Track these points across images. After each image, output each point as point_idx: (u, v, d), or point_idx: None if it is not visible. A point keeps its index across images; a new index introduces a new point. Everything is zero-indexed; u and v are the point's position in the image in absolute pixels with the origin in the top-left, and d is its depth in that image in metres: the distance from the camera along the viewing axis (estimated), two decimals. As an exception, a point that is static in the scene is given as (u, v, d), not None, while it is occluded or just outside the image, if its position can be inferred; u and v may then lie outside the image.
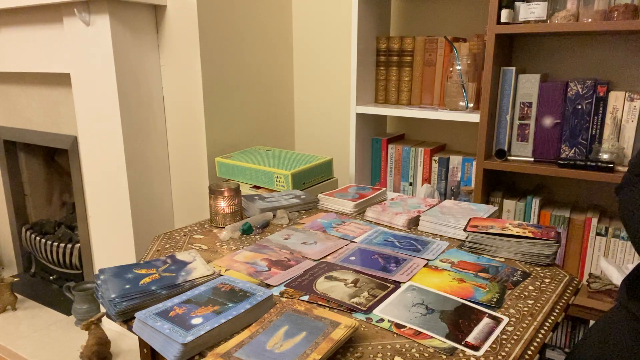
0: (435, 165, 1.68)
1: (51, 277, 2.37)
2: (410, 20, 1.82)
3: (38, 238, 2.26)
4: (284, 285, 0.92)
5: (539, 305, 0.85)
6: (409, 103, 1.71)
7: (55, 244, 2.21)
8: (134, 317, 0.78)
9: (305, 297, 0.87)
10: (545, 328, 0.78)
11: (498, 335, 0.75)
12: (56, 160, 2.50)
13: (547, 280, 0.94)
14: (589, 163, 1.33)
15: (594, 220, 1.42)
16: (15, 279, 2.16)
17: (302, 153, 1.79)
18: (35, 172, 2.44)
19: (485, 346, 0.72)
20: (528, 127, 1.46)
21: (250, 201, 1.34)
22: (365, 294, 0.87)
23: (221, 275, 0.93)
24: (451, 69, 1.56)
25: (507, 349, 0.72)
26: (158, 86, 1.79)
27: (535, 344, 0.74)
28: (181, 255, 1.00)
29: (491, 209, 1.27)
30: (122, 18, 1.62)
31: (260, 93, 1.97)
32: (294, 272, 0.97)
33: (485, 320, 0.79)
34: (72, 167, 1.95)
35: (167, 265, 0.95)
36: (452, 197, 1.66)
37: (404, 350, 0.72)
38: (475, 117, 1.48)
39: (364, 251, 1.07)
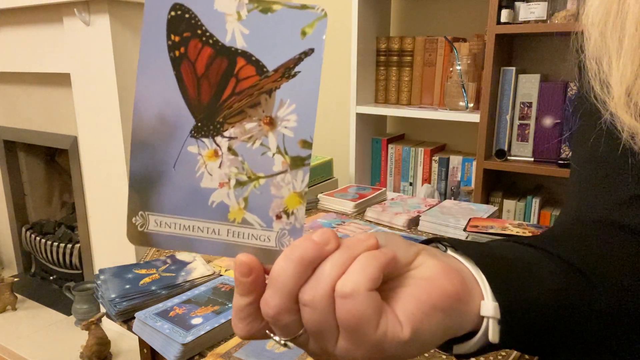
0: (435, 165, 1.68)
1: (51, 277, 2.37)
2: (410, 20, 1.82)
3: (38, 238, 2.26)
4: (284, 285, 0.92)
5: (539, 305, 0.84)
6: (409, 103, 1.71)
7: (55, 244, 2.21)
8: (134, 317, 0.78)
9: (305, 297, 0.87)
10: (545, 328, 0.78)
11: (498, 335, 0.75)
12: (56, 160, 2.50)
13: (547, 280, 0.94)
14: (589, 163, 1.33)
15: (594, 220, 1.42)
16: (15, 279, 2.16)
17: (302, 153, 1.79)
18: (35, 172, 2.44)
19: (485, 346, 0.72)
20: (528, 127, 1.46)
21: (250, 201, 1.34)
22: (365, 294, 0.87)
23: (221, 275, 0.93)
24: (451, 69, 1.56)
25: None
26: (158, 86, 1.78)
27: (535, 344, 0.74)
28: (181, 255, 1.00)
29: (491, 209, 1.27)
30: (122, 18, 1.62)
31: (260, 93, 1.97)
32: (294, 272, 0.97)
33: (485, 320, 0.79)
34: (72, 167, 1.96)
35: (167, 265, 0.95)
36: (452, 197, 1.66)
37: (404, 350, 0.71)
38: (475, 117, 1.48)
39: (364, 251, 1.06)
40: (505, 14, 1.37)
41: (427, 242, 0.37)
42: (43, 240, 2.24)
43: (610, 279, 0.36)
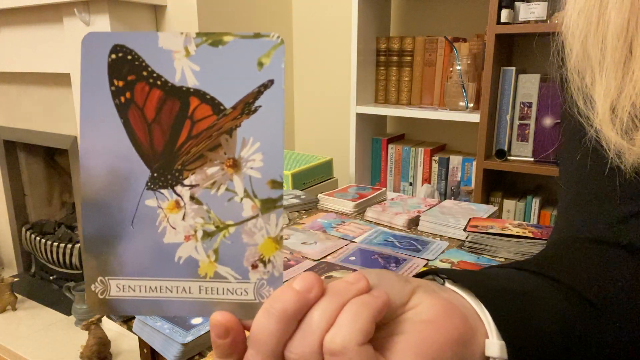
0: (435, 165, 1.68)
1: (51, 277, 2.37)
2: (410, 20, 1.82)
3: (38, 238, 2.26)
4: (284, 285, 0.92)
5: (539, 305, 0.84)
6: (409, 103, 1.71)
7: (55, 244, 2.21)
8: (134, 317, 0.78)
9: (305, 297, 0.87)
10: (545, 328, 0.78)
11: (498, 335, 0.75)
12: (56, 160, 2.51)
13: (547, 280, 0.94)
14: (589, 163, 1.33)
15: (594, 220, 1.42)
16: (15, 279, 2.16)
17: (302, 153, 1.79)
18: (35, 172, 2.44)
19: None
20: (528, 127, 1.46)
21: (250, 201, 1.34)
22: (365, 294, 0.87)
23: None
24: (451, 69, 1.56)
25: (507, 349, 0.71)
26: (158, 86, 1.79)
27: (535, 344, 0.74)
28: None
29: (491, 209, 1.27)
30: (122, 18, 1.62)
31: (260, 93, 1.97)
32: (294, 272, 0.97)
33: (485, 320, 0.79)
34: (72, 167, 1.96)
35: (167, 265, 0.95)
36: (452, 197, 1.66)
37: (404, 350, 0.71)
38: (475, 117, 1.48)
39: (364, 251, 1.07)
40: (505, 14, 1.37)
41: (422, 274, 0.34)
42: (43, 240, 2.24)
43: (617, 306, 0.34)
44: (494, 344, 0.28)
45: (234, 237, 0.29)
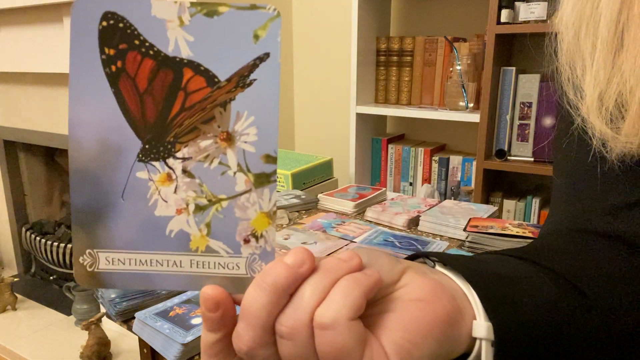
0: (435, 165, 1.68)
1: (51, 277, 2.37)
2: (410, 20, 1.82)
3: (38, 238, 2.26)
4: (284, 285, 0.91)
5: (539, 305, 0.84)
6: (409, 103, 1.71)
7: (55, 244, 2.21)
8: (134, 317, 0.78)
9: (305, 297, 0.87)
10: (545, 328, 0.78)
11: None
12: (56, 160, 2.51)
13: (547, 280, 0.94)
14: (589, 163, 1.33)
15: (594, 220, 1.42)
16: (15, 279, 2.16)
17: (302, 153, 1.79)
18: (35, 172, 2.44)
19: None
20: (528, 127, 1.46)
21: (250, 201, 1.34)
22: (365, 294, 0.87)
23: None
24: (451, 69, 1.56)
25: (507, 349, 0.71)
26: (158, 86, 1.79)
27: (535, 344, 0.74)
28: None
29: (491, 209, 1.27)
30: (122, 18, 1.62)
31: (260, 93, 1.97)
32: (294, 272, 0.97)
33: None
34: (72, 167, 1.96)
35: (167, 265, 0.95)
36: (452, 197, 1.66)
37: (404, 350, 0.71)
38: (475, 117, 1.48)
39: (364, 251, 1.07)
40: (505, 14, 1.37)
41: (413, 257, 0.34)
42: (43, 240, 2.24)
43: (607, 296, 0.34)
44: (481, 325, 0.28)
45: (227, 211, 0.28)
